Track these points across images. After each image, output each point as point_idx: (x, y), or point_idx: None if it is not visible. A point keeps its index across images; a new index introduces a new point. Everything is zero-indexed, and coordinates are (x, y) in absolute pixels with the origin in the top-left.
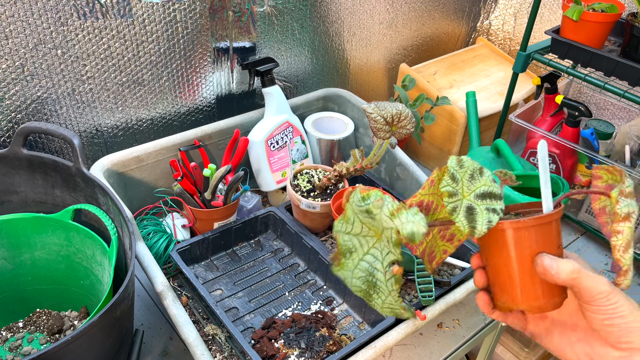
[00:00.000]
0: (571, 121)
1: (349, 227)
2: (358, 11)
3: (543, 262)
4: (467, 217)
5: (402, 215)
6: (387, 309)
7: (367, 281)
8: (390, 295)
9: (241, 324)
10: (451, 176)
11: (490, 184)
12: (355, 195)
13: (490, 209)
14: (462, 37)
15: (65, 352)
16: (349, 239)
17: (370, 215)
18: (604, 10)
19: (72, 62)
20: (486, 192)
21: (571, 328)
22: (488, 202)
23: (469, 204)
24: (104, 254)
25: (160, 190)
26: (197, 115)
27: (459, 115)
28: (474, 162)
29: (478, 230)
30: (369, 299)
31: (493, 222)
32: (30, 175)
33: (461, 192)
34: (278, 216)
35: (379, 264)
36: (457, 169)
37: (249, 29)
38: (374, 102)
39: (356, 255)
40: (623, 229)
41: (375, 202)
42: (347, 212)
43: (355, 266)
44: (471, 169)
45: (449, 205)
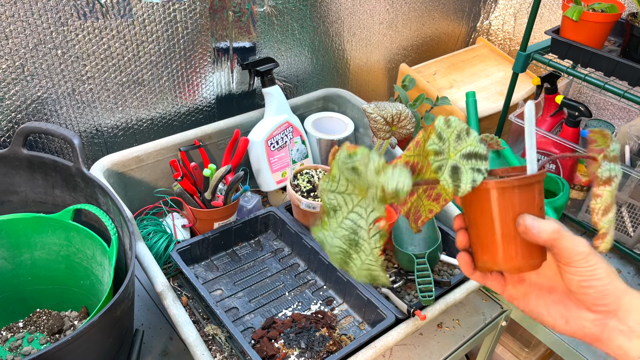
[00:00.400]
0: (571, 121)
1: (334, 185)
2: (358, 11)
3: (525, 221)
4: (451, 175)
5: (388, 172)
6: (365, 272)
7: (349, 239)
8: (371, 253)
9: (241, 324)
10: (438, 135)
11: (477, 144)
12: (342, 152)
13: (475, 169)
14: (462, 37)
15: (65, 352)
16: (334, 197)
17: (356, 172)
18: (603, 10)
19: (72, 62)
20: (472, 152)
21: (548, 291)
22: (473, 163)
23: (455, 164)
24: (104, 254)
25: (160, 190)
26: (197, 115)
27: (459, 115)
28: (461, 123)
29: (462, 188)
30: (347, 260)
31: (477, 181)
32: (31, 175)
33: (447, 152)
34: (278, 216)
35: (363, 222)
36: (445, 128)
37: (249, 29)
38: (374, 102)
39: (340, 214)
40: (603, 192)
41: (361, 159)
42: (332, 169)
43: (339, 224)
44: (458, 129)
45: (434, 164)
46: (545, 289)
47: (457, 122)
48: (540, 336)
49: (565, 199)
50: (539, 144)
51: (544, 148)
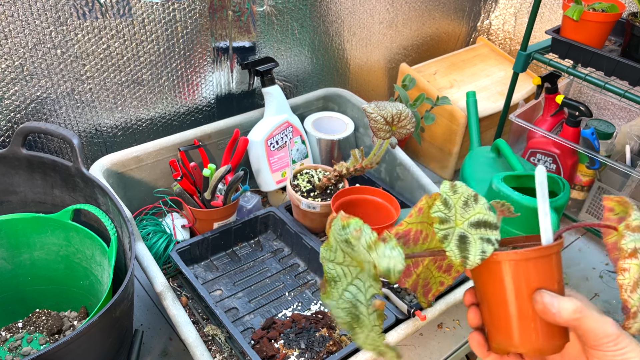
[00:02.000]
0: (571, 121)
1: (332, 255)
2: (358, 11)
3: (543, 299)
4: (459, 246)
5: (379, 248)
6: (370, 346)
7: (350, 313)
8: (372, 331)
9: (241, 325)
10: (443, 202)
11: (486, 212)
12: (337, 222)
13: (485, 239)
14: (462, 37)
15: (65, 353)
16: (333, 267)
17: (349, 246)
18: (604, 10)
19: (72, 62)
20: (481, 220)
21: None
22: (482, 232)
23: (462, 233)
24: (103, 254)
25: (160, 190)
26: (197, 115)
27: (459, 115)
28: (468, 189)
29: (471, 261)
30: (353, 332)
31: (487, 252)
32: (30, 175)
33: (454, 220)
34: (278, 216)
35: (362, 296)
36: (450, 194)
37: (248, 28)
38: (374, 102)
39: (340, 285)
40: (630, 266)
41: (353, 233)
42: (330, 239)
43: (340, 296)
44: (465, 195)
45: (439, 233)
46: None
47: (464, 187)
48: None
49: (565, 199)
50: (539, 143)
51: (544, 148)
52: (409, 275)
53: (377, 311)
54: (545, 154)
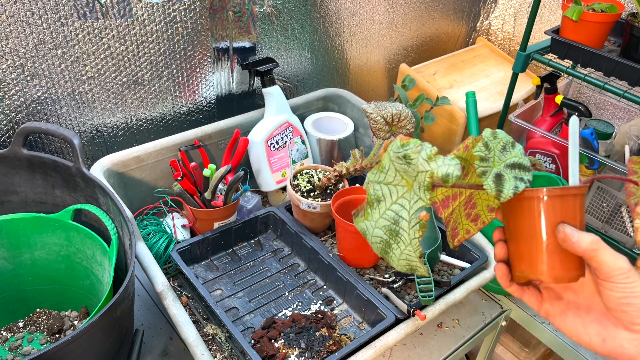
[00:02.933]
0: None
1: (382, 175)
2: (358, 11)
3: (565, 229)
4: (495, 181)
5: (439, 159)
6: (404, 261)
7: (389, 230)
8: (410, 244)
9: (241, 324)
10: (485, 144)
11: (521, 156)
12: (395, 143)
13: (519, 178)
14: (462, 37)
15: (66, 352)
16: (380, 188)
17: (407, 161)
18: (603, 10)
19: (72, 62)
20: (516, 162)
21: (585, 310)
22: (517, 172)
23: (499, 171)
24: (104, 254)
25: (160, 190)
26: (197, 115)
27: (459, 115)
28: (507, 136)
29: (504, 194)
30: (388, 250)
31: (519, 188)
32: (31, 175)
33: (492, 161)
34: (278, 216)
35: (405, 213)
36: (491, 139)
37: (249, 29)
38: (374, 102)
39: (384, 204)
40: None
41: (414, 147)
42: (383, 160)
43: (381, 215)
44: (504, 141)
45: (479, 169)
46: (583, 308)
47: (504, 134)
48: (540, 336)
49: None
50: (539, 143)
51: (544, 148)
52: (446, 206)
53: (420, 222)
54: (544, 154)
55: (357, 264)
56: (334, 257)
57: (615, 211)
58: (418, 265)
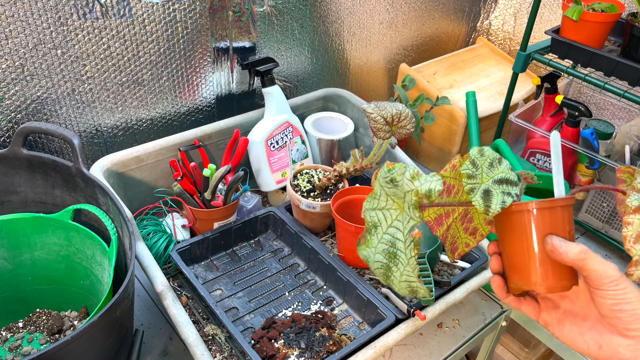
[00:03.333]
0: (571, 121)
1: (375, 202)
2: (358, 11)
3: (552, 241)
4: (483, 197)
5: (422, 177)
6: (404, 283)
7: (388, 253)
8: (408, 264)
9: (241, 324)
10: (472, 162)
11: (508, 172)
12: (382, 169)
13: (506, 193)
14: (462, 37)
15: (65, 352)
16: (375, 214)
17: (394, 184)
18: (604, 10)
19: (72, 62)
20: (503, 178)
21: (582, 318)
22: (504, 187)
23: (487, 187)
24: (103, 254)
25: (160, 190)
26: (197, 115)
27: (459, 115)
28: (493, 153)
29: (492, 209)
30: (389, 274)
31: (507, 202)
32: (30, 175)
33: (480, 178)
34: (278, 216)
35: (400, 234)
36: (478, 156)
37: (248, 29)
38: (374, 102)
39: (380, 229)
40: (633, 220)
41: (399, 170)
42: (375, 188)
43: (379, 240)
44: (491, 158)
45: (467, 186)
46: (580, 316)
47: (490, 151)
48: (540, 336)
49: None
50: (539, 144)
51: (544, 148)
52: (440, 224)
53: (414, 240)
54: (544, 154)
55: (357, 264)
56: (334, 257)
57: (615, 211)
58: (418, 286)
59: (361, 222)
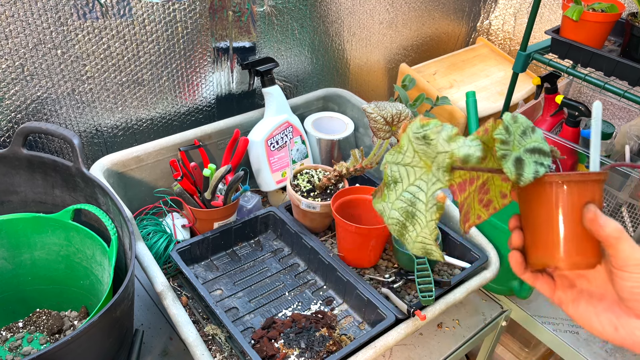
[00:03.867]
0: (571, 121)
1: (400, 156)
2: (358, 11)
3: (595, 209)
4: (515, 165)
5: (460, 140)
6: (419, 244)
7: (405, 211)
8: (427, 226)
9: (241, 324)
10: (505, 127)
11: (542, 141)
12: (415, 123)
13: (539, 162)
14: (462, 37)
15: (65, 352)
16: (397, 169)
17: (426, 141)
18: (604, 10)
19: (72, 62)
20: (536, 147)
21: (598, 298)
22: (537, 157)
23: (519, 155)
24: (103, 254)
25: (160, 190)
26: (197, 115)
27: (459, 115)
28: (527, 120)
29: (525, 177)
30: (403, 232)
31: (540, 172)
32: (30, 175)
33: (512, 145)
34: (278, 216)
35: (422, 195)
36: (511, 122)
37: (248, 28)
38: (374, 102)
39: (400, 186)
40: None
41: (434, 128)
42: (401, 141)
43: (398, 197)
44: (524, 125)
45: (499, 151)
46: (596, 296)
47: (524, 118)
48: (540, 336)
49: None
50: None
51: None
52: (462, 190)
53: (437, 204)
54: None
55: (357, 264)
56: (334, 257)
57: (616, 211)
58: (433, 249)
59: (361, 222)
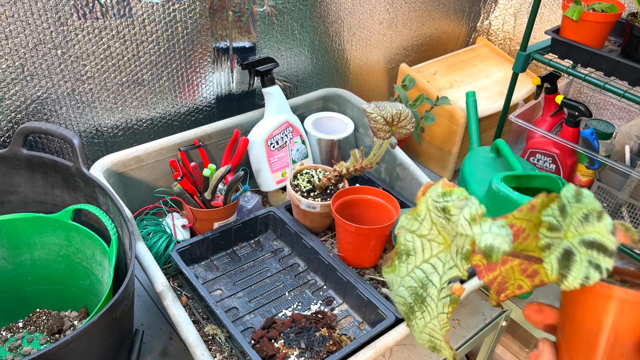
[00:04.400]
0: (571, 121)
1: (417, 224)
2: (358, 11)
3: None
4: (560, 260)
5: (485, 223)
6: (426, 336)
7: (415, 293)
8: (437, 317)
9: (241, 324)
10: (561, 207)
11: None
12: (435, 189)
13: (594, 264)
14: (462, 37)
15: (65, 352)
16: (412, 239)
17: (446, 215)
18: (604, 10)
19: (72, 62)
20: (597, 241)
21: None
22: (594, 255)
23: (569, 247)
24: (103, 254)
25: (160, 190)
26: (197, 115)
27: (459, 115)
28: (595, 202)
29: (569, 281)
30: (411, 316)
31: (591, 280)
32: (30, 175)
33: (565, 230)
34: (278, 216)
35: (436, 278)
36: (572, 201)
37: (249, 29)
38: (374, 102)
39: (413, 260)
40: None
41: (457, 201)
42: (419, 207)
43: (409, 272)
44: (589, 208)
45: (543, 239)
46: None
47: (592, 199)
48: (540, 336)
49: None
50: (539, 143)
51: (544, 148)
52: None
53: (451, 296)
54: (544, 154)
55: (357, 264)
56: (334, 257)
57: (616, 211)
58: (443, 345)
59: (361, 222)
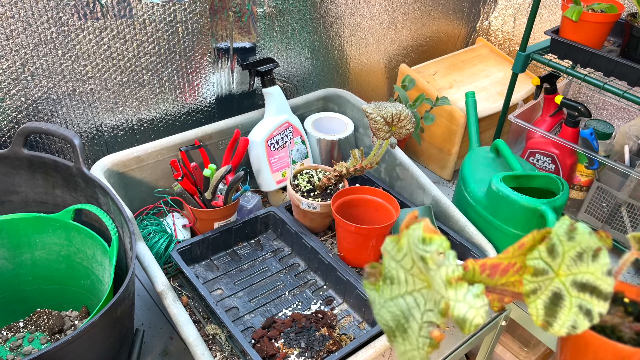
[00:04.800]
0: (570, 121)
1: (400, 255)
2: (358, 11)
3: None
4: (547, 305)
5: (461, 290)
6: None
7: (396, 321)
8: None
9: (241, 324)
10: (549, 248)
11: (601, 276)
12: (417, 230)
13: (584, 309)
14: (461, 38)
15: (66, 352)
16: (395, 267)
17: (424, 264)
18: (603, 10)
19: (73, 63)
20: (590, 284)
21: None
22: (586, 298)
23: (558, 290)
24: (104, 254)
25: (161, 190)
26: (198, 116)
27: (459, 116)
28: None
29: (554, 329)
30: (392, 337)
31: (578, 328)
32: (31, 175)
33: (556, 270)
34: (278, 216)
35: (417, 313)
36: (564, 239)
37: (249, 29)
38: (373, 102)
39: (397, 289)
40: None
41: (435, 255)
42: (402, 240)
43: (392, 298)
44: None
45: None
46: None
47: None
48: (540, 336)
49: (565, 199)
50: (538, 143)
51: (543, 148)
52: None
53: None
54: (544, 154)
55: (357, 263)
56: (334, 257)
57: (615, 211)
58: None
59: (361, 222)
